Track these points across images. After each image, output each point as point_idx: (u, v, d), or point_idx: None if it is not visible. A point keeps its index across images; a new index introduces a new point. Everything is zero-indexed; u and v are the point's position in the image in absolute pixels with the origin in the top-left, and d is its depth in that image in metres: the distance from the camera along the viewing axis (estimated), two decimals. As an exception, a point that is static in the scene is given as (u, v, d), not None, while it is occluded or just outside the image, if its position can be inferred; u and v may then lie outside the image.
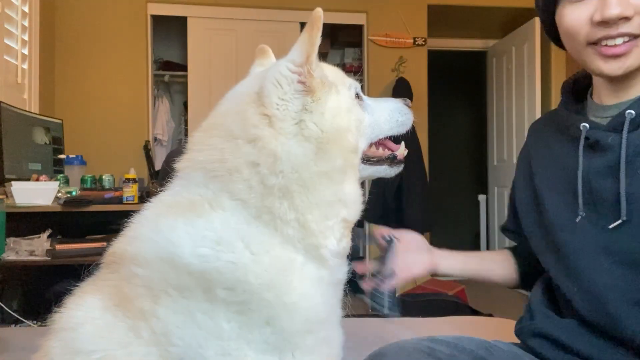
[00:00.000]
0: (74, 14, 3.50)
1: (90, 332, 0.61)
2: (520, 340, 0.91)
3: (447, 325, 1.38)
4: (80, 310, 0.63)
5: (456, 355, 0.81)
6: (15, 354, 1.18)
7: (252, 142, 0.64)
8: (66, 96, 3.47)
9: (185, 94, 3.90)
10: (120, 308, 0.61)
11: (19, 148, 2.44)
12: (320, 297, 0.64)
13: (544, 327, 0.85)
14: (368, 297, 0.89)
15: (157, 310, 0.59)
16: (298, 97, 0.66)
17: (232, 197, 0.63)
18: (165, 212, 0.65)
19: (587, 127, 0.80)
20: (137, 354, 0.59)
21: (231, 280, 0.59)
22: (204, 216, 0.63)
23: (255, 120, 0.65)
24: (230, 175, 0.64)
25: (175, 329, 0.59)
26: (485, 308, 3.39)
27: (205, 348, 0.58)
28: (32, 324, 1.95)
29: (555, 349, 0.83)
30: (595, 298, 0.76)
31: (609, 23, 0.73)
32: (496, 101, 4.57)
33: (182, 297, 0.59)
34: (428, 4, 3.94)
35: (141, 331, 0.59)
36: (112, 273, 0.65)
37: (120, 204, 2.37)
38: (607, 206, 0.76)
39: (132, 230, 0.66)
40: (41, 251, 2.08)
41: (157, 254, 0.61)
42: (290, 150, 0.64)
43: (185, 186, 0.67)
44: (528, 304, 0.93)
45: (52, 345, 0.63)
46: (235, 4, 3.76)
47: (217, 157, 0.65)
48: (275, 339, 0.60)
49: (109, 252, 0.67)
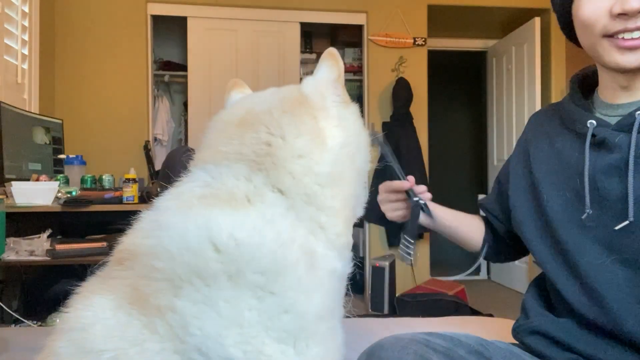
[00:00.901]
0: (74, 14, 3.50)
1: (101, 332, 0.60)
2: (518, 340, 0.91)
3: (447, 325, 1.38)
4: (89, 310, 0.62)
5: (452, 348, 0.82)
6: (15, 354, 1.18)
7: (300, 137, 0.71)
8: (66, 96, 3.47)
9: (185, 94, 3.90)
10: (135, 306, 0.61)
11: (19, 148, 2.44)
12: (332, 287, 0.68)
13: (540, 325, 0.85)
14: (400, 251, 1.07)
15: (176, 303, 0.60)
16: (335, 105, 0.77)
17: (273, 189, 0.68)
18: (197, 202, 0.66)
19: (594, 124, 0.79)
20: (151, 350, 0.59)
21: (262, 264, 0.62)
22: (241, 208, 0.65)
23: (305, 117, 0.73)
24: (276, 168, 0.69)
25: (194, 319, 0.59)
26: (485, 308, 3.39)
27: (225, 337, 0.60)
28: (32, 324, 1.94)
29: (552, 346, 0.83)
30: (596, 296, 0.76)
31: (628, 15, 0.73)
32: (496, 101, 4.57)
33: (205, 286, 0.60)
34: (428, 4, 3.94)
35: (157, 327, 0.60)
36: (125, 270, 0.64)
37: (120, 204, 2.36)
38: (612, 206, 0.76)
39: (150, 223, 0.66)
40: (41, 251, 2.07)
41: (185, 244, 0.62)
42: (334, 145, 0.72)
43: (218, 177, 0.69)
44: (522, 304, 0.93)
45: (60, 345, 0.62)
46: (235, 4, 3.76)
47: (265, 151, 0.69)
48: (292, 326, 0.62)
49: (119, 249, 0.67)
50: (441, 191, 5.49)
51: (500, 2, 4.04)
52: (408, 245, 1.04)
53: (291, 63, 3.86)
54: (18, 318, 1.93)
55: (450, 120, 6.04)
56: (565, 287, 0.81)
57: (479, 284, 4.47)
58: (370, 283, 3.42)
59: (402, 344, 0.80)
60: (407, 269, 3.86)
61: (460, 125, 6.08)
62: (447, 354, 0.80)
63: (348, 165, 0.74)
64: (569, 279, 0.81)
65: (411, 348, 0.79)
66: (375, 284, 3.35)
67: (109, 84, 3.55)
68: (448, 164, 5.96)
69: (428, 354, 0.79)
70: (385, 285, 3.30)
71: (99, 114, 3.53)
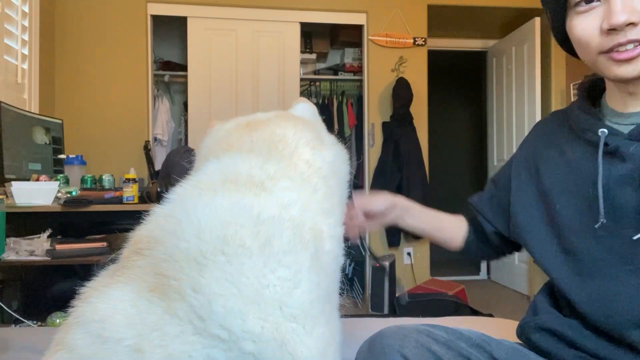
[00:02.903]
0: (74, 14, 3.50)
1: (121, 321, 0.62)
2: (523, 338, 0.90)
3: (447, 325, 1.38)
4: (105, 302, 0.64)
5: (453, 340, 0.83)
6: (15, 354, 1.18)
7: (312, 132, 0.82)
8: (66, 96, 3.47)
9: (185, 94, 3.90)
10: (156, 293, 0.63)
11: (19, 148, 2.44)
12: (332, 271, 0.74)
13: (548, 322, 0.85)
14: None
15: (201, 281, 0.63)
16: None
17: (295, 173, 0.75)
18: (222, 187, 0.71)
19: (605, 132, 0.79)
20: (170, 334, 0.62)
21: (289, 236, 0.67)
22: (267, 188, 0.71)
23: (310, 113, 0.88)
24: (291, 159, 0.76)
25: (217, 297, 0.63)
26: (485, 308, 3.39)
27: (246, 313, 0.63)
28: (32, 324, 1.95)
29: (558, 343, 0.83)
30: (605, 305, 0.77)
31: (617, 30, 0.74)
32: (496, 101, 4.57)
33: (228, 264, 0.64)
34: (428, 4, 3.94)
35: (176, 311, 0.62)
36: (144, 259, 0.66)
37: (120, 204, 2.36)
38: (626, 216, 0.76)
39: (173, 209, 0.69)
40: (41, 251, 2.07)
41: (217, 219, 0.66)
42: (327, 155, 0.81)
43: (248, 163, 0.75)
44: (533, 302, 0.93)
45: (75, 337, 0.63)
46: (235, 4, 3.76)
47: (284, 142, 0.78)
48: (301, 303, 0.66)
49: (135, 240, 0.69)
50: (441, 191, 5.50)
51: (500, 2, 4.04)
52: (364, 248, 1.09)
53: (291, 63, 3.86)
54: (18, 318, 1.93)
55: (450, 120, 6.04)
56: (574, 294, 0.81)
57: (479, 284, 4.47)
58: (370, 283, 3.42)
59: (404, 333, 0.82)
60: (407, 269, 3.86)
61: (460, 125, 6.09)
62: (448, 345, 0.81)
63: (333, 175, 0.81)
64: (579, 288, 0.81)
65: (412, 337, 0.81)
66: (375, 284, 3.35)
67: (109, 84, 3.55)
68: (448, 163, 5.96)
69: (429, 343, 0.80)
70: (385, 285, 3.30)
71: (99, 114, 3.53)
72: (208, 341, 0.63)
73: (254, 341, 0.63)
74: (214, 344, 0.63)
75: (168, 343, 0.62)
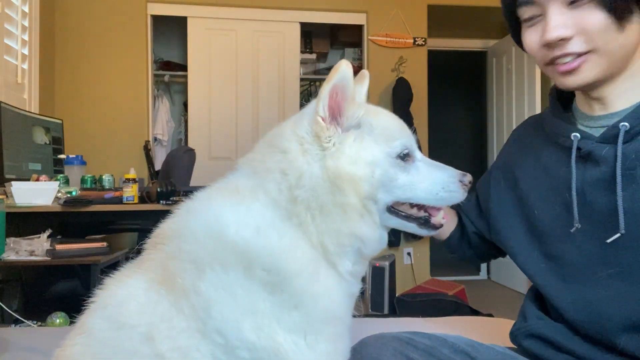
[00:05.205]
0: (74, 14, 3.50)
1: (135, 308, 0.66)
2: (516, 344, 0.91)
3: (447, 325, 1.38)
4: (123, 288, 0.68)
5: (436, 347, 0.83)
6: (15, 354, 1.18)
7: (283, 153, 0.72)
8: (66, 96, 3.47)
9: (185, 94, 3.90)
10: (164, 285, 0.66)
11: (19, 148, 2.44)
12: (339, 296, 0.71)
13: (538, 328, 0.85)
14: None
15: (200, 285, 0.65)
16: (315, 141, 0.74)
17: (266, 194, 0.70)
18: (215, 194, 0.73)
19: (578, 137, 0.79)
20: (177, 328, 0.64)
21: (268, 263, 0.65)
22: (245, 203, 0.70)
23: (289, 135, 0.73)
24: (266, 175, 0.71)
25: (215, 304, 0.64)
26: (485, 308, 3.39)
27: (241, 322, 0.64)
28: (32, 324, 1.94)
29: (549, 349, 0.83)
30: (590, 309, 0.77)
31: (552, 46, 0.76)
32: (496, 101, 4.57)
33: (224, 273, 0.65)
34: (428, 4, 3.94)
35: (183, 307, 0.65)
36: (157, 253, 0.70)
37: (120, 204, 2.36)
38: (602, 218, 0.76)
39: (183, 208, 0.73)
40: (41, 251, 2.07)
41: (207, 230, 0.68)
42: (313, 171, 0.69)
43: (237, 177, 0.75)
44: (522, 307, 0.93)
45: (94, 321, 0.67)
46: (235, 4, 3.76)
47: (259, 158, 0.74)
48: (301, 322, 0.66)
49: (155, 234, 0.73)
50: (441, 191, 5.49)
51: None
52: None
53: (291, 63, 3.86)
54: (18, 318, 1.92)
55: (450, 121, 6.04)
56: (559, 300, 0.81)
57: (479, 284, 4.47)
58: (370, 283, 3.42)
59: (383, 341, 0.83)
60: (407, 269, 3.86)
61: (460, 125, 6.08)
62: (429, 352, 0.82)
63: (327, 198, 0.73)
64: (563, 294, 0.81)
65: (391, 345, 0.82)
66: (375, 284, 3.35)
67: (109, 84, 3.55)
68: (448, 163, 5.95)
69: (407, 350, 0.81)
70: (385, 285, 3.30)
71: (99, 114, 3.53)
72: (209, 341, 0.64)
73: (249, 349, 0.64)
74: (215, 345, 0.64)
75: (176, 335, 0.64)
